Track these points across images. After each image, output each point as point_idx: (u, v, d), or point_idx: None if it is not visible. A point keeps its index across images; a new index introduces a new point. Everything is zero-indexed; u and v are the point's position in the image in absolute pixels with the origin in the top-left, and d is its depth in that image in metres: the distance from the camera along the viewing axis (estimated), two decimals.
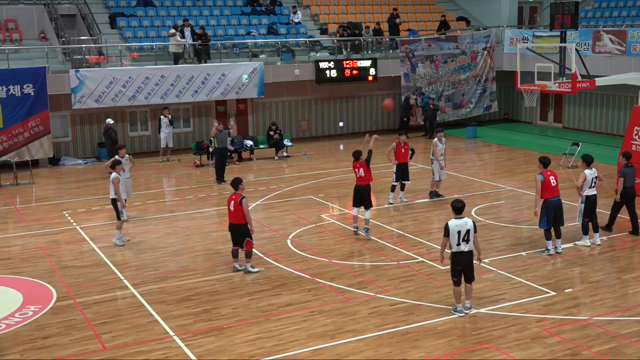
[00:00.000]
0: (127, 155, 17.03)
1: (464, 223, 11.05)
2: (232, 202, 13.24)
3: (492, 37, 30.80)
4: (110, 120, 23.49)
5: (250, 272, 13.45)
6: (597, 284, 12.73)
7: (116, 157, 16.62)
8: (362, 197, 15.26)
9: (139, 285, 12.99)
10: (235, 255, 13.57)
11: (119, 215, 15.45)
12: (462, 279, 11.31)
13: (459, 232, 11.01)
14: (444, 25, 31.41)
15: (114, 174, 15.30)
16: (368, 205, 15.28)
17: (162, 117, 24.92)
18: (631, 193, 15.40)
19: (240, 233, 13.34)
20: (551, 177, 13.94)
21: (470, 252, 11.19)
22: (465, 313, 11.35)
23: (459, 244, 11.06)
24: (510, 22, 33.06)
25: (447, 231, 11.06)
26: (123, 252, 14.97)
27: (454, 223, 11.05)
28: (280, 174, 23.03)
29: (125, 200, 15.84)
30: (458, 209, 11.14)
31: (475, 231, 11.12)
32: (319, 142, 28.54)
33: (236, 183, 13.41)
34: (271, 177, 22.27)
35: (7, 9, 26.88)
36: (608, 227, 15.64)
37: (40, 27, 26.94)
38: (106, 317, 11.56)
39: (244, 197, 13.21)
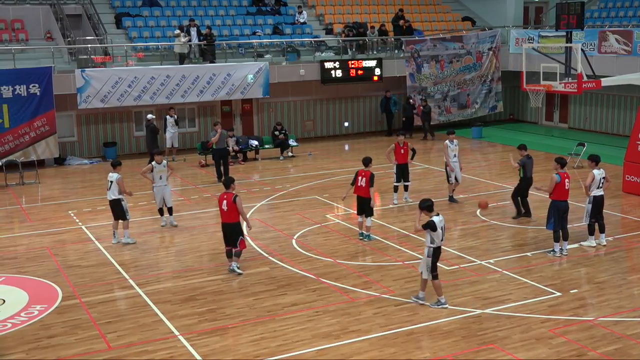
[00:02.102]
0: (165, 162, 16.57)
1: (442, 219, 11.43)
2: (225, 201, 13.18)
3: (497, 37, 30.76)
4: (150, 115, 23.69)
5: (235, 271, 13.39)
6: (602, 284, 12.70)
7: (153, 162, 16.47)
8: (363, 206, 15.24)
9: (144, 285, 13.01)
10: (229, 255, 13.57)
11: (124, 216, 15.45)
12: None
13: (442, 228, 11.40)
14: (408, 30, 30.70)
15: (117, 175, 15.26)
16: (369, 214, 15.23)
17: (167, 117, 24.97)
18: (530, 182, 16.52)
19: (234, 232, 13.29)
20: (566, 180, 13.94)
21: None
22: (418, 302, 11.72)
23: (442, 239, 11.42)
24: (516, 22, 33.02)
25: (434, 227, 11.31)
26: (128, 252, 15.00)
27: (437, 219, 11.36)
28: (285, 174, 23.04)
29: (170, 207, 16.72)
30: (431, 207, 11.44)
31: None
32: (324, 142, 28.54)
33: (228, 182, 13.45)
34: (276, 177, 22.28)
35: (14, 9, 26.96)
36: (527, 214, 16.68)
37: (46, 27, 27.00)
38: (111, 317, 11.59)
39: (237, 195, 13.18)
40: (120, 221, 15.58)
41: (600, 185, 14.50)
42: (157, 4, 29.30)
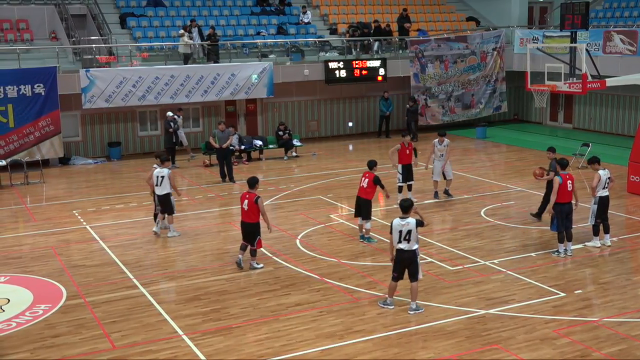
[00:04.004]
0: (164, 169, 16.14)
1: (406, 223, 11.25)
2: (246, 200, 13.33)
3: (502, 37, 30.71)
4: (170, 113, 24.12)
5: (255, 268, 13.63)
6: (607, 285, 12.68)
7: (154, 165, 16.28)
8: (360, 209, 15.20)
9: (148, 285, 13.03)
10: (243, 248, 13.67)
11: (171, 210, 15.73)
12: (405, 276, 11.49)
13: (400, 232, 11.25)
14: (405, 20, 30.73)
15: (168, 170, 15.60)
16: (365, 217, 15.16)
17: (176, 116, 25.05)
18: None
19: (252, 231, 13.48)
20: (569, 182, 13.89)
21: (412, 252, 11.32)
22: (416, 313, 11.47)
23: (399, 242, 11.28)
24: (521, 22, 32.96)
25: (391, 229, 11.37)
26: (132, 252, 15.02)
27: (397, 222, 11.31)
28: (290, 174, 23.05)
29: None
30: (404, 207, 11.36)
31: (419, 226, 11.35)
32: (328, 142, 28.53)
33: (253, 182, 13.49)
34: (280, 177, 22.29)
35: (19, 9, 27.03)
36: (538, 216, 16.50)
37: (51, 27, 27.07)
38: (115, 316, 11.60)
39: (259, 196, 13.33)
40: (165, 215, 15.87)
41: (606, 185, 14.47)
42: (162, 4, 29.33)
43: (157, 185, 15.66)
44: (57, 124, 23.90)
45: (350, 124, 30.13)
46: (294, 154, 25.74)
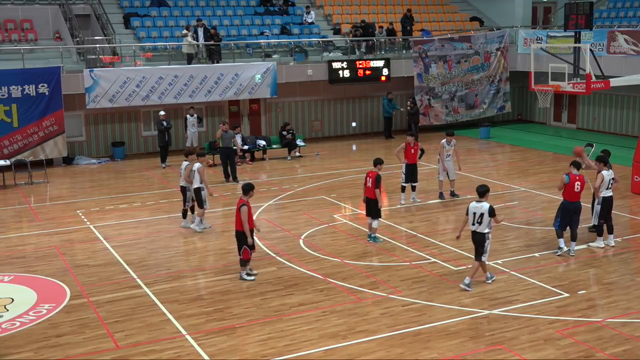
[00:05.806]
0: (184, 163, 16.45)
1: (480, 206, 12.20)
2: (237, 207, 12.93)
3: (505, 37, 30.68)
4: (161, 112, 24.29)
5: (244, 279, 13.14)
6: (611, 285, 12.65)
7: (184, 162, 16.49)
8: (369, 208, 15.22)
9: (151, 284, 13.03)
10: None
11: (202, 204, 16.01)
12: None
13: (474, 214, 12.24)
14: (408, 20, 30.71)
15: (198, 164, 15.85)
16: (374, 215, 15.15)
17: (187, 116, 25.09)
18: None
19: (238, 239, 13.07)
20: (577, 183, 13.82)
21: (482, 235, 12.25)
22: (465, 289, 12.35)
23: (473, 224, 12.28)
24: (524, 23, 32.93)
25: (467, 211, 12.42)
26: (136, 251, 15.03)
27: (473, 205, 12.33)
28: (293, 174, 23.05)
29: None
30: (480, 193, 12.36)
31: (490, 215, 12.15)
32: (331, 142, 28.52)
33: (246, 189, 13.01)
34: (284, 177, 22.29)
35: (23, 9, 27.07)
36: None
37: (55, 27, 27.10)
38: (119, 316, 11.62)
39: (244, 204, 12.76)
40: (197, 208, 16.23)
41: (610, 186, 14.44)
42: (165, 4, 29.36)
43: (192, 179, 16.10)
44: (61, 124, 23.93)
45: (354, 124, 30.11)
46: (297, 154, 25.74)
